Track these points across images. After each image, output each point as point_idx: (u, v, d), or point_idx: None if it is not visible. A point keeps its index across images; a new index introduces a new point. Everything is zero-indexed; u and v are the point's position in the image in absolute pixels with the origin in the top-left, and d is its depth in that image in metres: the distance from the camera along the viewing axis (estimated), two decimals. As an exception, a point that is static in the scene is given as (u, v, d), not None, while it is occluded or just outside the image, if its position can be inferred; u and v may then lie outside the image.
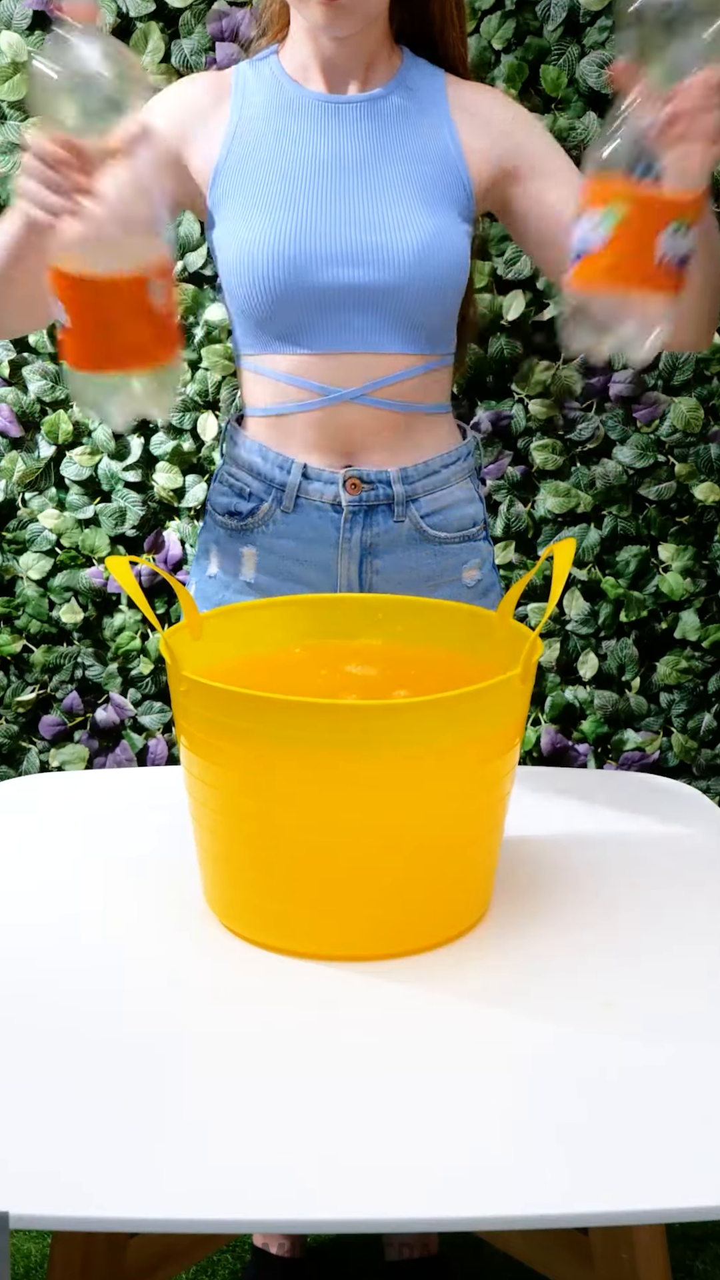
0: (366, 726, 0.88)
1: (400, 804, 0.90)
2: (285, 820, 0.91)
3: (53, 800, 1.25)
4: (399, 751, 0.88)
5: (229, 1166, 0.74)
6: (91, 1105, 0.79)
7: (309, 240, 1.20)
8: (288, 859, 0.92)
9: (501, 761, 0.95)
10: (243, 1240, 1.60)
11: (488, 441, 1.97)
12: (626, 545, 2.01)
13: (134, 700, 2.12)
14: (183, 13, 1.82)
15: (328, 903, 0.93)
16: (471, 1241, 1.58)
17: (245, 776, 0.92)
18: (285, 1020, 0.88)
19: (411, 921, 0.95)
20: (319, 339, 1.23)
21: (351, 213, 1.21)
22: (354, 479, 1.26)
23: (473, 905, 0.99)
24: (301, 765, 0.89)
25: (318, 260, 1.20)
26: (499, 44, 1.80)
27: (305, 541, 1.29)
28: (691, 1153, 0.75)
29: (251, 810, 0.92)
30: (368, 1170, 0.74)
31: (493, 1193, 0.72)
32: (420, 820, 0.92)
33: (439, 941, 0.96)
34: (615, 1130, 0.77)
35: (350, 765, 0.88)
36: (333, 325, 1.23)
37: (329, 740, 0.88)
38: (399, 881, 0.93)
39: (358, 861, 0.91)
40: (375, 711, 0.89)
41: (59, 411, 1.99)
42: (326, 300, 1.21)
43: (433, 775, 0.91)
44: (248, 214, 1.22)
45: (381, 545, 1.29)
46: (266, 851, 0.93)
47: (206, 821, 0.96)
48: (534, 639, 0.96)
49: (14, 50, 1.83)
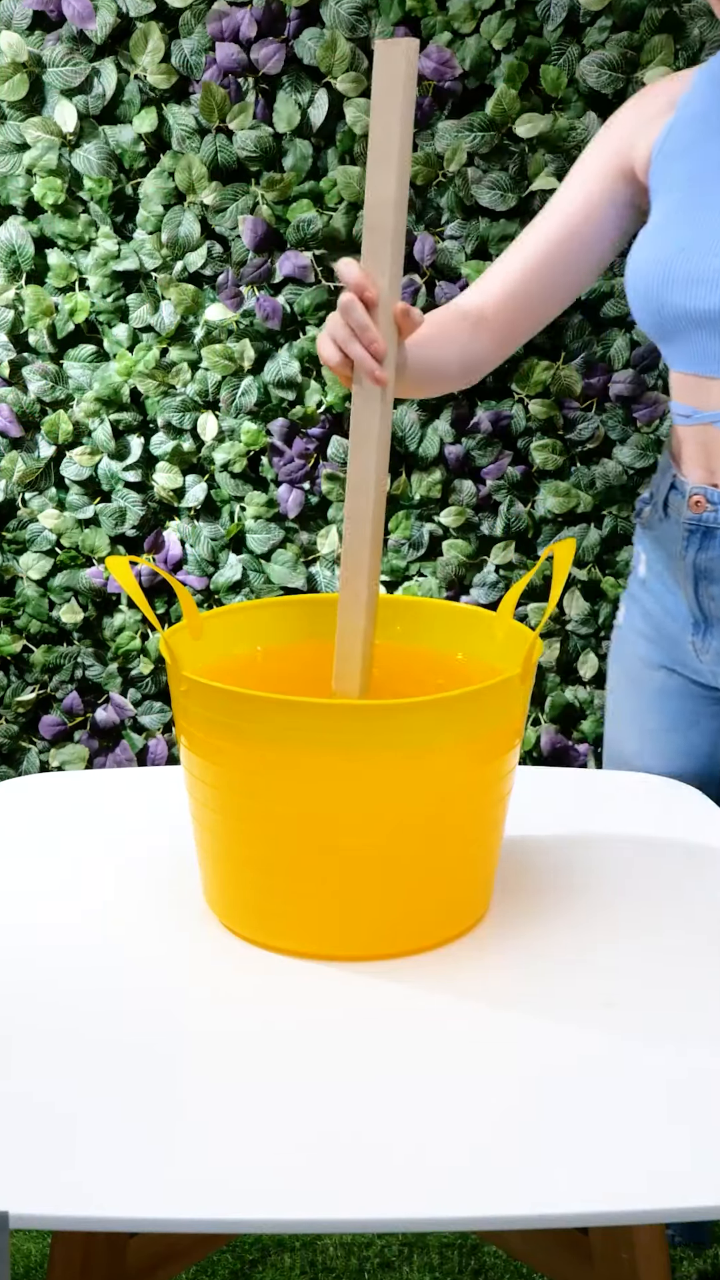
0: (366, 727, 0.88)
1: (400, 804, 0.90)
2: (285, 820, 0.91)
3: (53, 800, 1.25)
4: (399, 751, 0.88)
5: (229, 1166, 0.74)
6: (91, 1105, 0.79)
7: (675, 261, 1.14)
8: (287, 859, 0.92)
9: (501, 762, 0.95)
10: (243, 1240, 1.61)
11: (487, 441, 1.97)
12: (626, 545, 2.01)
13: (134, 700, 2.12)
14: (183, 13, 1.82)
15: (328, 903, 0.93)
16: (471, 1242, 1.58)
17: (245, 776, 0.92)
18: (285, 1020, 0.88)
19: (412, 921, 0.95)
20: (680, 360, 1.19)
21: None
22: (699, 496, 1.20)
23: (473, 905, 0.99)
24: (301, 765, 0.89)
25: (678, 281, 1.14)
26: (499, 44, 1.80)
27: (670, 555, 1.26)
28: (691, 1153, 0.75)
29: (251, 810, 0.92)
30: (367, 1170, 0.74)
31: (493, 1193, 0.72)
32: (420, 820, 0.92)
33: (439, 941, 0.96)
34: (615, 1130, 0.77)
35: (350, 765, 0.88)
36: (689, 349, 1.17)
37: (329, 740, 0.88)
38: (399, 881, 0.93)
39: (357, 861, 0.91)
40: (374, 711, 0.89)
41: (59, 411, 1.99)
42: (680, 323, 1.16)
43: (433, 775, 0.91)
44: (649, 229, 1.18)
45: (716, 571, 1.21)
46: (266, 851, 0.93)
47: (206, 821, 0.97)
48: (534, 639, 0.96)
49: (14, 50, 1.83)
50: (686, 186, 1.16)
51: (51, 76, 1.85)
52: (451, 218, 1.89)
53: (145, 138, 1.88)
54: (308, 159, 1.87)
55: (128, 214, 1.93)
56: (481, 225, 1.88)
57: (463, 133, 1.84)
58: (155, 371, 1.96)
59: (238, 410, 1.97)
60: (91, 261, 1.92)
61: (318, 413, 1.97)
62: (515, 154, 1.85)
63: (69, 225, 1.91)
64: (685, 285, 1.13)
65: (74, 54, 1.84)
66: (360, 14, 1.80)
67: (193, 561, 2.05)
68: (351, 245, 1.91)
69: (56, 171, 1.88)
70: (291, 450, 1.99)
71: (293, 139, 1.86)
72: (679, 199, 1.16)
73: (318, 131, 1.86)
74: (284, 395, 1.97)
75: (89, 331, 1.98)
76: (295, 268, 1.90)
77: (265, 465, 2.01)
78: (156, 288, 1.94)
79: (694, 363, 1.17)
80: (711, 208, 1.13)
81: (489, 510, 2.01)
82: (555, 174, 1.85)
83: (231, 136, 1.86)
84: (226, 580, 2.06)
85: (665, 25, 1.79)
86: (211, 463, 2.01)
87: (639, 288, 1.18)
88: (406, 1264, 1.58)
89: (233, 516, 2.05)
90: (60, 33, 1.84)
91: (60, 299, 1.95)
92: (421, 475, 1.99)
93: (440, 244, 1.89)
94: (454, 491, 2.00)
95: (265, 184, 1.87)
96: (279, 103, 1.85)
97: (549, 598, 0.98)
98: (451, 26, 1.81)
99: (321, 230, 1.88)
